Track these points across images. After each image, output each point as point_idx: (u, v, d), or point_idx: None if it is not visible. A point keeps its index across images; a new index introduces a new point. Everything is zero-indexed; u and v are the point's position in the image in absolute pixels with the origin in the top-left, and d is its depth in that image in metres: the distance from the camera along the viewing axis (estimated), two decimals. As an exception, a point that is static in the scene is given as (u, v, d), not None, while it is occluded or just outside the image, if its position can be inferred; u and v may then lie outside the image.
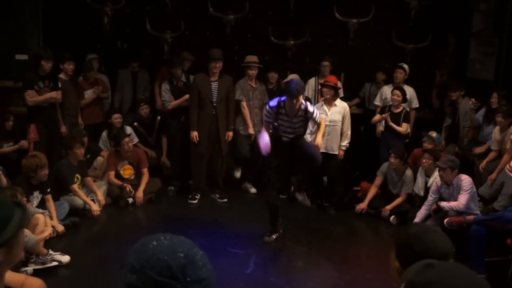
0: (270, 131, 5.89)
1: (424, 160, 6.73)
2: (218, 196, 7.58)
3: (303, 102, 5.80)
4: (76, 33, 8.48)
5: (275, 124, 5.83)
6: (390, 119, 7.54)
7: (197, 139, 7.23)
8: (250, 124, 7.62)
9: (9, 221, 1.81)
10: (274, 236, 6.16)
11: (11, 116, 7.26)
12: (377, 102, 8.10)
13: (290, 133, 5.89)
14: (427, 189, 6.66)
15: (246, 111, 7.62)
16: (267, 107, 5.91)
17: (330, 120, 7.05)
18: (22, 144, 7.16)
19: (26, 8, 8.38)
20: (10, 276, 2.06)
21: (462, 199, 5.93)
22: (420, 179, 6.89)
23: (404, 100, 7.61)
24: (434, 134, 7.28)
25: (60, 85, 7.34)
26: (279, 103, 5.79)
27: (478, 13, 8.43)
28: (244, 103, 7.61)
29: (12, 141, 7.23)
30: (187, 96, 7.56)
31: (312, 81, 8.20)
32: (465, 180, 6.02)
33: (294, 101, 5.64)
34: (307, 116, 5.83)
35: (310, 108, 5.84)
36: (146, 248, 1.38)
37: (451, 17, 8.47)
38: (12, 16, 8.30)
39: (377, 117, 7.78)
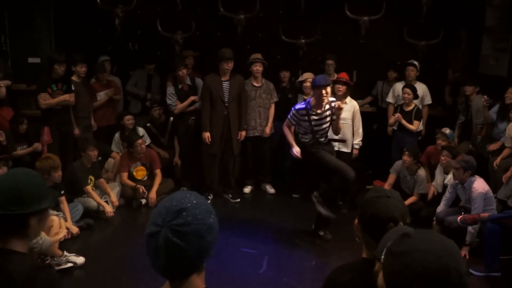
0: (304, 139, 5.99)
1: (442, 158, 6.67)
2: (231, 196, 7.59)
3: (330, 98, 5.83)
4: (87, 35, 8.54)
5: (308, 127, 5.88)
6: (402, 117, 7.52)
7: (209, 140, 7.24)
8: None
9: (48, 196, 2.18)
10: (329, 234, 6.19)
11: (25, 120, 7.34)
12: (390, 99, 8.05)
13: (324, 132, 5.94)
14: (445, 186, 6.60)
15: None
16: (293, 110, 5.93)
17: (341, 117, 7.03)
18: (35, 147, 7.23)
19: (38, 11, 8.48)
20: None
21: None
22: (439, 177, 6.83)
23: (415, 97, 7.56)
24: (447, 130, 7.20)
25: (73, 88, 7.41)
26: (306, 105, 5.84)
27: (491, 8, 8.32)
28: None
29: (25, 144, 7.31)
30: (192, 98, 7.62)
31: None
32: (476, 191, 5.86)
33: (324, 92, 5.65)
34: (332, 109, 5.84)
35: (334, 99, 5.91)
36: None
37: (463, 13, 8.37)
38: (24, 20, 8.40)
39: (392, 119, 7.75)
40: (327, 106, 5.83)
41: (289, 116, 5.95)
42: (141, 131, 7.87)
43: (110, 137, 8.05)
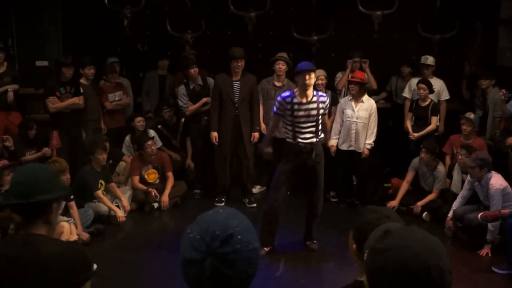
0: (286, 134, 5.56)
1: (460, 157, 6.47)
2: (247, 201, 7.35)
3: (315, 92, 5.47)
4: (95, 37, 8.45)
5: (289, 120, 5.41)
6: (418, 113, 7.44)
7: (217, 140, 7.08)
8: (263, 125, 7.39)
9: (61, 184, 2.35)
10: (266, 249, 5.61)
11: (34, 124, 7.23)
12: (406, 94, 7.91)
13: (307, 131, 5.43)
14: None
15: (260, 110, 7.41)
16: (278, 98, 5.47)
17: (357, 116, 6.92)
18: (45, 152, 7.10)
19: (45, 14, 8.41)
20: None
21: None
22: (457, 177, 6.65)
23: (431, 91, 7.39)
24: (472, 115, 6.99)
25: (81, 91, 7.30)
26: (291, 93, 5.42)
27: (506, -1, 8.17)
28: (260, 102, 7.42)
29: (34, 149, 7.19)
30: (204, 99, 7.47)
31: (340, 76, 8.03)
32: (493, 187, 5.74)
33: (307, 76, 5.25)
34: (319, 104, 5.40)
35: (324, 95, 5.57)
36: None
37: (478, 5, 8.21)
38: (32, 23, 8.34)
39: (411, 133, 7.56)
40: (315, 99, 5.41)
41: (275, 106, 5.46)
42: (152, 133, 7.74)
43: (120, 139, 7.94)
